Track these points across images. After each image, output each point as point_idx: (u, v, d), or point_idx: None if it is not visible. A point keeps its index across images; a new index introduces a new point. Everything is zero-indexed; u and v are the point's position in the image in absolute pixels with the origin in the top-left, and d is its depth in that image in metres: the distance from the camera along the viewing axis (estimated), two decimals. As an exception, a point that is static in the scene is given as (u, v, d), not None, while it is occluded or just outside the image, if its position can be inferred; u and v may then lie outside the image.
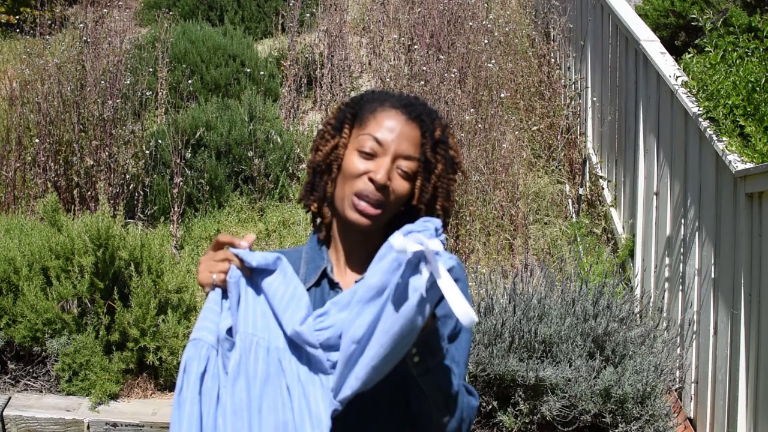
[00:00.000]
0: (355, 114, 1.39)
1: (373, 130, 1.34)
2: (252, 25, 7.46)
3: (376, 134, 1.34)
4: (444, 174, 1.38)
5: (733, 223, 3.12)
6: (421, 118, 1.37)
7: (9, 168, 4.80)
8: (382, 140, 1.34)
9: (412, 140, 1.35)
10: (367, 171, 1.33)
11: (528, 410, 3.26)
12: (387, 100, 1.38)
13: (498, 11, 7.08)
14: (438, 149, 1.37)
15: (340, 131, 1.39)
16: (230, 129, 5.18)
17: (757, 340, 2.92)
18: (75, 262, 3.56)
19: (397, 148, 1.34)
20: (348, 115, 1.39)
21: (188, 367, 1.25)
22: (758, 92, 3.29)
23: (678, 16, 5.88)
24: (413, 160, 1.35)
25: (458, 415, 1.32)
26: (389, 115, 1.36)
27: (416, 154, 1.36)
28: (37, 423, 3.40)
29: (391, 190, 1.33)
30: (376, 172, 1.32)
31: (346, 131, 1.38)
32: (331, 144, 1.38)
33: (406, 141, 1.34)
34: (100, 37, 5.40)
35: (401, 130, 1.34)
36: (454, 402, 1.31)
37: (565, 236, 4.83)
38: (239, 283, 1.27)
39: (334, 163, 1.37)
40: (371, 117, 1.36)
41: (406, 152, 1.34)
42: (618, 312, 3.45)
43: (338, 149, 1.38)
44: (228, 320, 1.26)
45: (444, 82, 5.41)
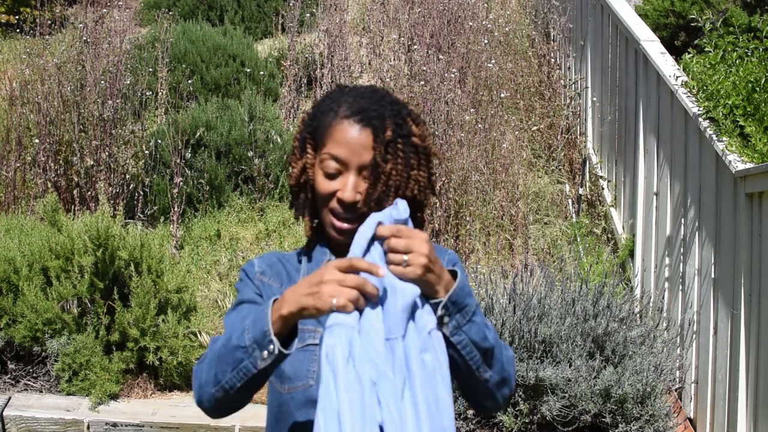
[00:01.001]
0: (314, 129, 1.39)
1: (331, 148, 1.35)
2: (252, 25, 7.46)
3: (335, 152, 1.34)
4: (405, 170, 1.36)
5: (733, 223, 3.12)
6: (372, 123, 1.35)
7: (9, 168, 4.80)
8: (341, 158, 1.34)
9: (367, 147, 1.34)
10: (334, 191, 1.34)
11: (528, 410, 3.26)
12: (340, 109, 1.37)
13: (498, 11, 7.08)
14: (390, 150, 1.35)
15: (304, 151, 1.40)
16: (230, 129, 5.18)
17: (757, 340, 2.92)
18: (75, 262, 3.56)
19: (358, 161, 1.33)
20: (307, 134, 1.40)
21: (331, 355, 1.14)
22: (758, 92, 3.29)
23: (678, 16, 5.88)
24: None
25: (498, 367, 1.34)
26: (343, 127, 1.35)
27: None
28: (37, 423, 3.40)
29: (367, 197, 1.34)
30: (343, 191, 1.33)
31: (310, 151, 1.39)
32: (299, 165, 1.40)
33: (364, 150, 1.34)
34: (100, 37, 5.40)
35: (357, 141, 1.34)
36: (492, 356, 1.33)
37: (565, 236, 4.83)
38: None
39: (307, 184, 1.39)
40: (327, 134, 1.36)
41: (366, 162, 1.34)
42: (618, 312, 3.45)
43: (306, 170, 1.38)
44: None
45: (444, 82, 5.41)
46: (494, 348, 1.33)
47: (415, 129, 1.39)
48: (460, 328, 1.27)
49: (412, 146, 1.38)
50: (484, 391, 1.35)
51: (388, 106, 1.38)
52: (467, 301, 1.28)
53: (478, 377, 1.32)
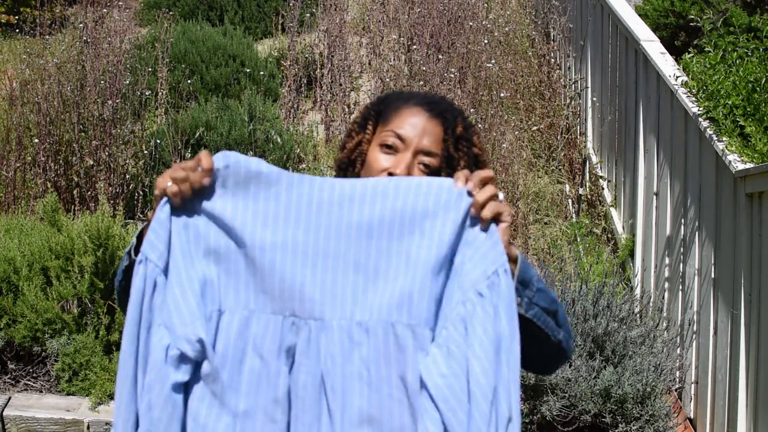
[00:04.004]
0: (379, 112, 1.43)
1: (395, 126, 1.37)
2: (252, 25, 7.46)
3: (399, 130, 1.37)
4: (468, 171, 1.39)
5: (733, 223, 3.12)
6: (444, 115, 1.39)
7: (9, 168, 4.80)
8: (403, 136, 1.36)
9: (433, 136, 1.37)
10: (387, 167, 1.35)
11: (528, 410, 3.26)
12: (411, 99, 1.41)
13: (498, 11, 7.08)
14: (460, 146, 1.39)
15: (365, 128, 1.42)
16: (230, 129, 5.18)
17: (757, 340, 2.92)
18: (75, 262, 3.57)
19: (418, 144, 1.36)
20: (372, 113, 1.43)
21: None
22: (758, 92, 3.29)
23: (678, 16, 5.88)
24: (435, 156, 1.37)
25: (566, 326, 1.36)
26: (412, 112, 1.38)
27: (438, 151, 1.37)
28: (37, 423, 3.40)
29: None
30: (396, 167, 1.34)
31: (370, 128, 1.42)
32: (356, 140, 1.42)
33: (428, 137, 1.36)
34: (100, 37, 5.40)
35: (423, 126, 1.37)
36: (557, 315, 1.34)
37: (565, 236, 4.83)
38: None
39: (358, 159, 1.41)
40: (394, 114, 1.39)
41: (427, 148, 1.36)
42: (618, 312, 3.45)
43: (362, 145, 1.41)
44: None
45: (444, 82, 5.41)
46: (559, 308, 1.34)
47: (476, 140, 1.43)
48: (532, 302, 1.28)
49: (474, 155, 1.41)
50: (558, 352, 1.36)
51: (456, 110, 1.43)
52: (530, 273, 1.29)
53: (553, 342, 1.33)
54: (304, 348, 1.17)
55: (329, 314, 1.17)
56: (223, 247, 1.19)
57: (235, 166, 1.19)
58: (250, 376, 1.18)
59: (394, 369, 1.16)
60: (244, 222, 1.18)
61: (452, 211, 1.18)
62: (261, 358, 1.18)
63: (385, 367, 1.16)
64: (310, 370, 1.17)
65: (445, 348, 1.13)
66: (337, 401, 1.16)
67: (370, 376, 1.16)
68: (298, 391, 1.17)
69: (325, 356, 1.17)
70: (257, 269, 1.18)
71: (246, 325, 1.18)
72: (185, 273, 1.17)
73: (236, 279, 1.19)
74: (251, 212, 1.18)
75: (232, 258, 1.19)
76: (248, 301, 1.19)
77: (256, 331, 1.18)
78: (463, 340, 1.13)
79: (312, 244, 1.18)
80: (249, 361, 1.18)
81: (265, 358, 1.18)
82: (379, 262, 1.18)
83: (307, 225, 1.18)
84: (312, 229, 1.18)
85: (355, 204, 1.18)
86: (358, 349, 1.16)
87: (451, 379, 1.12)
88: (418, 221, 1.18)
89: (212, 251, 1.19)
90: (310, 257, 1.18)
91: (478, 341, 1.13)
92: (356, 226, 1.18)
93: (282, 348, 1.18)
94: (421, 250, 1.17)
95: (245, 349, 1.18)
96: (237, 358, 1.18)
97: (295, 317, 1.18)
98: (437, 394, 1.12)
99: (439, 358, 1.13)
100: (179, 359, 1.15)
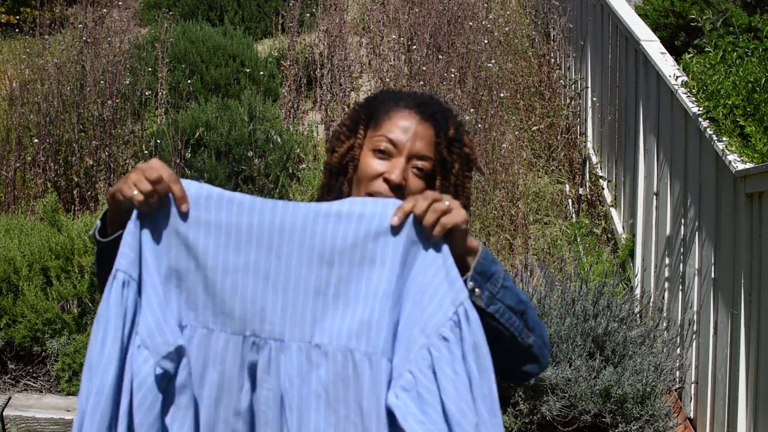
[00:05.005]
0: (369, 114, 1.41)
1: (387, 131, 1.36)
2: (252, 25, 7.46)
3: (390, 135, 1.35)
4: (461, 172, 1.39)
5: (733, 223, 3.12)
6: (435, 117, 1.38)
7: (9, 168, 4.80)
8: (396, 141, 1.35)
9: (426, 140, 1.36)
10: (382, 172, 1.34)
11: (528, 410, 3.26)
12: (401, 100, 1.39)
13: (498, 11, 7.08)
14: (453, 148, 1.38)
15: (355, 132, 1.41)
16: (230, 129, 5.18)
17: (757, 340, 2.92)
18: (75, 262, 3.57)
19: (411, 148, 1.35)
20: (362, 115, 1.41)
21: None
22: (758, 92, 3.29)
23: (678, 16, 5.88)
24: (428, 159, 1.37)
25: (538, 331, 1.35)
26: (403, 115, 1.37)
27: (430, 154, 1.37)
28: (37, 423, 3.40)
29: (407, 190, 1.34)
30: (391, 173, 1.33)
31: (361, 132, 1.40)
32: (347, 145, 1.40)
33: (421, 140, 1.36)
34: (99, 37, 5.40)
35: (415, 130, 1.36)
36: (529, 318, 1.33)
37: (565, 236, 4.82)
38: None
39: (350, 164, 1.39)
40: (385, 118, 1.37)
41: (420, 152, 1.36)
42: (618, 312, 3.45)
43: (354, 150, 1.39)
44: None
45: (443, 82, 5.41)
46: (529, 309, 1.33)
47: (467, 139, 1.42)
48: (494, 297, 1.27)
49: (465, 155, 1.40)
50: (528, 356, 1.34)
51: (447, 111, 1.41)
52: (493, 268, 1.28)
53: (522, 344, 1.32)
54: (265, 365, 1.19)
55: (288, 336, 1.19)
56: (183, 266, 1.21)
57: (198, 190, 1.22)
58: (210, 389, 1.20)
59: (351, 393, 1.18)
60: (206, 244, 1.20)
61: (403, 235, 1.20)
62: (222, 374, 1.20)
63: (342, 390, 1.18)
64: (272, 387, 1.19)
65: (415, 393, 1.15)
66: (294, 420, 1.18)
67: (328, 396, 1.18)
68: (260, 406, 1.20)
69: (283, 376, 1.19)
70: (218, 291, 1.20)
71: (206, 342, 1.20)
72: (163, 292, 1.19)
73: (195, 299, 1.21)
74: (214, 235, 1.20)
75: (191, 279, 1.21)
76: (207, 320, 1.21)
77: (216, 348, 1.20)
78: (433, 385, 1.15)
79: (274, 267, 1.20)
80: (210, 376, 1.20)
81: (226, 373, 1.20)
82: (339, 288, 1.20)
83: (269, 248, 1.20)
84: (274, 253, 1.20)
85: (318, 229, 1.20)
86: (316, 371, 1.18)
87: (430, 425, 1.13)
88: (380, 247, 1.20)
89: (173, 269, 1.21)
90: (271, 280, 1.20)
91: (451, 384, 1.14)
92: (318, 251, 1.20)
93: (244, 365, 1.20)
94: (381, 281, 1.19)
95: (206, 364, 1.20)
96: (198, 372, 1.20)
97: (256, 337, 1.20)
98: None
99: (412, 406, 1.15)
100: (162, 378, 1.17)
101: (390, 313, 1.18)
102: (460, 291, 1.18)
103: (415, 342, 1.16)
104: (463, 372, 1.15)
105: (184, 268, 1.20)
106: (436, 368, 1.15)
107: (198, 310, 1.21)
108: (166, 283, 1.20)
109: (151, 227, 1.20)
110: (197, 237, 1.20)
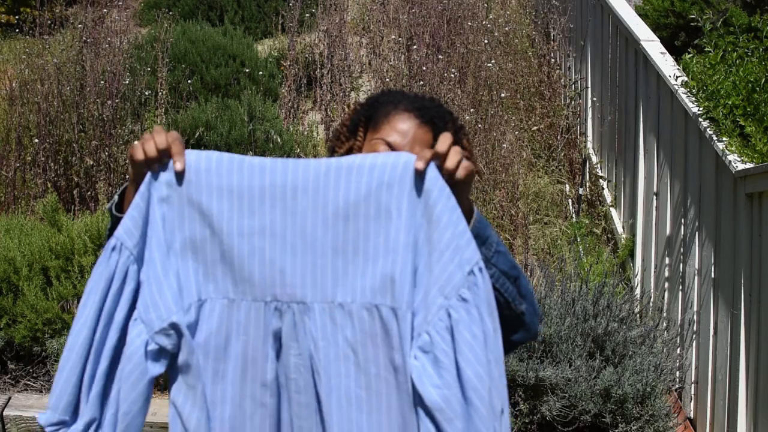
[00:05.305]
0: (369, 116, 1.41)
1: (386, 134, 1.36)
2: (252, 25, 7.46)
3: (389, 138, 1.36)
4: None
5: (733, 223, 3.12)
6: (434, 121, 1.38)
7: (9, 168, 4.80)
8: (394, 144, 1.35)
9: (424, 143, 1.36)
10: None
11: (528, 410, 3.26)
12: (401, 103, 1.39)
13: (498, 11, 7.08)
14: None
15: (355, 134, 1.41)
16: (230, 129, 5.18)
17: (757, 340, 2.92)
18: (75, 262, 3.57)
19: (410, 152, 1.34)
20: (362, 117, 1.41)
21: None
22: (758, 92, 3.29)
23: (678, 16, 5.88)
24: None
25: (530, 298, 1.35)
26: (402, 118, 1.37)
27: None
28: (37, 423, 3.40)
29: None
30: None
31: (361, 134, 1.40)
32: (346, 146, 1.41)
33: (419, 144, 1.35)
34: (99, 37, 5.40)
35: (414, 134, 1.36)
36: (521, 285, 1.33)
37: (565, 236, 4.82)
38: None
39: None
40: (384, 120, 1.37)
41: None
42: (618, 312, 3.45)
43: (353, 152, 1.40)
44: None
45: (443, 82, 5.41)
46: (521, 276, 1.33)
47: (465, 143, 1.42)
48: (489, 261, 1.27)
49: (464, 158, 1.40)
50: (519, 323, 1.34)
51: (446, 114, 1.41)
52: (488, 232, 1.28)
53: (515, 310, 1.31)
54: (290, 331, 1.18)
55: (311, 297, 1.17)
56: (199, 236, 1.19)
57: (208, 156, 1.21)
58: (236, 363, 1.18)
59: (381, 350, 1.16)
60: (220, 209, 1.18)
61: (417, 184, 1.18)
62: (246, 345, 1.18)
63: (372, 348, 1.16)
64: (301, 353, 1.17)
65: (432, 355, 1.14)
66: (324, 383, 1.16)
67: (357, 357, 1.16)
68: (290, 374, 1.18)
69: (309, 340, 1.17)
70: (235, 257, 1.18)
71: (228, 313, 1.18)
72: (161, 266, 1.17)
73: (213, 269, 1.19)
74: (226, 199, 1.18)
75: (208, 248, 1.19)
76: (227, 290, 1.19)
77: (238, 318, 1.18)
78: (450, 348, 1.14)
79: (290, 228, 1.18)
80: (234, 349, 1.18)
81: (250, 344, 1.18)
82: (358, 243, 1.18)
83: (283, 209, 1.18)
84: (289, 213, 1.18)
85: (330, 184, 1.18)
86: (342, 332, 1.16)
87: (445, 389, 1.12)
88: (395, 197, 1.17)
89: (188, 242, 1.19)
90: (288, 241, 1.18)
91: (468, 347, 1.13)
92: (332, 207, 1.18)
93: (268, 333, 1.18)
94: (400, 232, 1.17)
95: (229, 337, 1.18)
96: (221, 346, 1.18)
97: (277, 301, 1.18)
98: (432, 404, 1.12)
99: (429, 368, 1.14)
100: (158, 353, 1.17)
101: (411, 265, 1.16)
102: (475, 249, 1.17)
103: (434, 302, 1.15)
104: (481, 333, 1.14)
105: (200, 238, 1.18)
106: (454, 331, 1.13)
107: (218, 281, 1.19)
108: (182, 257, 1.18)
109: (161, 202, 1.19)
110: (210, 203, 1.18)
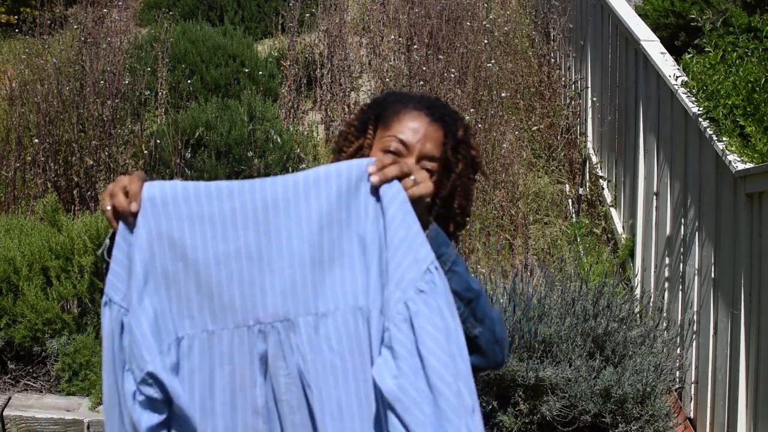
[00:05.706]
0: (378, 115, 1.42)
1: (397, 131, 1.37)
2: (252, 25, 7.45)
3: (401, 136, 1.37)
4: (464, 173, 1.41)
5: (733, 223, 3.12)
6: (444, 119, 1.40)
7: (9, 168, 4.80)
8: (407, 141, 1.36)
9: (435, 141, 1.37)
10: None
11: (528, 410, 3.26)
12: (410, 102, 1.41)
13: (498, 11, 7.08)
14: (459, 149, 1.40)
15: (364, 132, 1.42)
16: (230, 129, 5.18)
17: (757, 340, 2.92)
18: (75, 262, 3.57)
19: (421, 149, 1.36)
20: (371, 116, 1.42)
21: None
22: (758, 92, 3.29)
23: (678, 16, 5.87)
24: (436, 160, 1.38)
25: (488, 324, 1.33)
26: (413, 116, 1.38)
27: (439, 155, 1.38)
28: (37, 423, 3.40)
29: None
30: None
31: (370, 132, 1.41)
32: (356, 145, 1.42)
33: (430, 142, 1.37)
34: (99, 37, 5.40)
35: (425, 131, 1.37)
36: (477, 307, 1.32)
37: (565, 236, 4.82)
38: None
39: None
40: (395, 118, 1.39)
41: (430, 153, 1.37)
42: (618, 312, 3.45)
43: (363, 150, 1.41)
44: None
45: (443, 81, 5.41)
46: (479, 299, 1.32)
47: (473, 142, 1.44)
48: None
49: (471, 158, 1.42)
50: (473, 348, 1.32)
51: (455, 113, 1.43)
52: (443, 249, 1.28)
53: (466, 332, 1.29)
54: (276, 351, 1.17)
55: (293, 312, 1.17)
56: (171, 270, 1.17)
57: (173, 189, 1.19)
58: (223, 394, 1.17)
59: (366, 353, 1.16)
60: (193, 238, 1.17)
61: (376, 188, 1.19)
62: (233, 374, 1.17)
63: (359, 354, 1.16)
64: (289, 372, 1.17)
65: (391, 348, 1.14)
66: (316, 397, 1.16)
67: (344, 365, 1.16)
68: (281, 395, 1.17)
69: (297, 356, 1.17)
70: (214, 285, 1.17)
71: (208, 346, 1.17)
72: (133, 313, 1.16)
73: (188, 303, 1.18)
74: (198, 227, 1.17)
75: (181, 281, 1.17)
76: (205, 323, 1.18)
77: (221, 349, 1.17)
78: (408, 338, 1.13)
79: (265, 247, 1.18)
80: (219, 380, 1.17)
81: (237, 372, 1.17)
82: (333, 250, 1.18)
83: (256, 229, 1.18)
84: (263, 232, 1.18)
85: (300, 198, 1.18)
86: (326, 341, 1.16)
87: (401, 379, 1.12)
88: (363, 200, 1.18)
89: (160, 277, 1.17)
90: (265, 260, 1.18)
91: (429, 338, 1.13)
92: (306, 219, 1.18)
93: (254, 358, 1.17)
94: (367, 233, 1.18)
95: (213, 369, 1.17)
96: (205, 380, 1.17)
97: (260, 323, 1.17)
98: (390, 395, 1.12)
99: (390, 360, 1.14)
100: (149, 402, 1.15)
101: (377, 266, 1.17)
102: (430, 251, 1.18)
103: (391, 296, 1.15)
104: (442, 325, 1.14)
105: (171, 272, 1.17)
106: (414, 322, 1.13)
107: (193, 315, 1.17)
108: (156, 294, 1.17)
109: (135, 239, 1.18)
110: (182, 233, 1.17)
